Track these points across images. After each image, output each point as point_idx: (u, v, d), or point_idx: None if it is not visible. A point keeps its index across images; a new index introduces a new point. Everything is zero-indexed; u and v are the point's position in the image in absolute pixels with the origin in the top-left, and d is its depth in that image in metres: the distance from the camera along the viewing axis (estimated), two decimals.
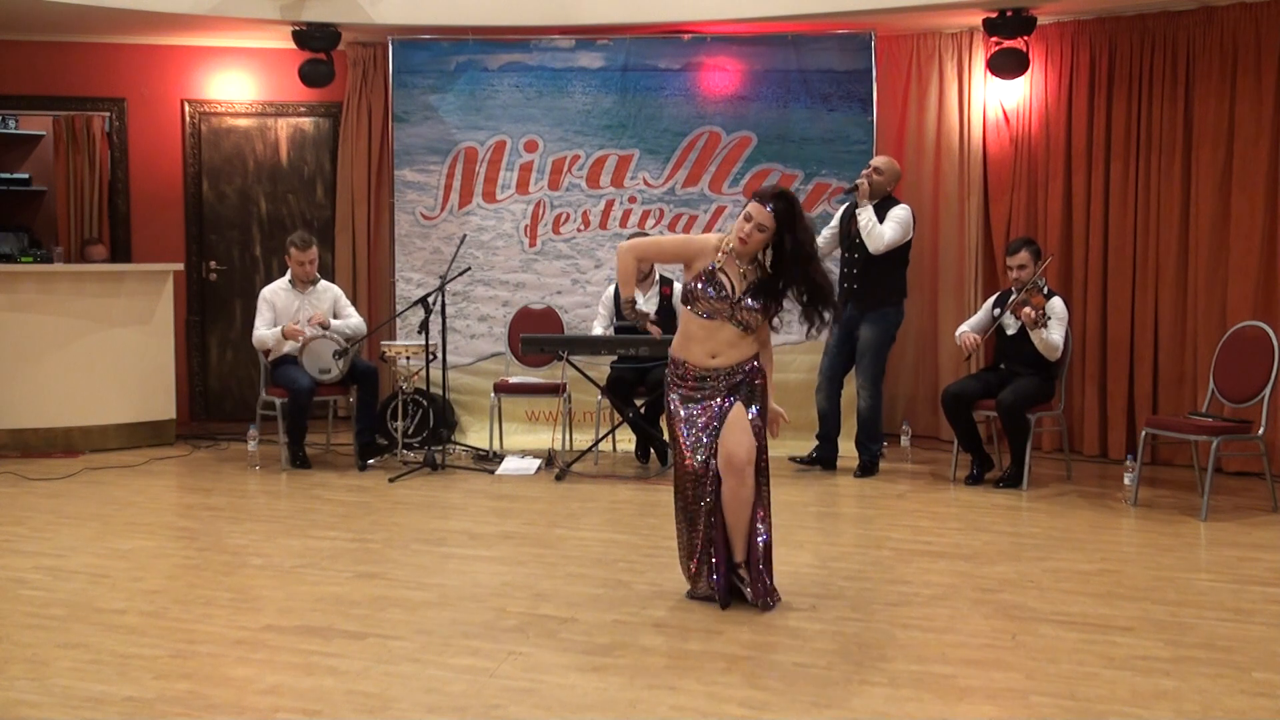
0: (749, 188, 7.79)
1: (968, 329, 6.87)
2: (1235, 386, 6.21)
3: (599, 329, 7.28)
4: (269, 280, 7.78)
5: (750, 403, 4.27)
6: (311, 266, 7.31)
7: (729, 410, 4.25)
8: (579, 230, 8.02)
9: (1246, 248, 6.96)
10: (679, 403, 4.32)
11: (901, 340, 8.28)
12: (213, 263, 8.89)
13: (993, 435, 7.18)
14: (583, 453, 7.33)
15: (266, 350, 7.31)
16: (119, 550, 5.22)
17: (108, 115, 8.87)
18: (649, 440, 7.18)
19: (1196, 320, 7.16)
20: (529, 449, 7.66)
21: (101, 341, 7.69)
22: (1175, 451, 7.22)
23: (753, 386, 4.28)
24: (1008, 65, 7.48)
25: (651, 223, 7.87)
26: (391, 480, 6.77)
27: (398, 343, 7.56)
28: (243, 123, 8.88)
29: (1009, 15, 7.32)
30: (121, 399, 7.78)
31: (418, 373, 7.43)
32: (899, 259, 6.93)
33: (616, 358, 7.28)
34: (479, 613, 4.29)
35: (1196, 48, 7.14)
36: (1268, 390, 6.01)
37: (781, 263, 4.21)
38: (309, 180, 8.96)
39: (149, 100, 8.76)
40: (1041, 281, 6.61)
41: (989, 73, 7.67)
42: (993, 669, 3.75)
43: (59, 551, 5.19)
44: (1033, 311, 6.44)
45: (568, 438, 7.52)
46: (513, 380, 7.66)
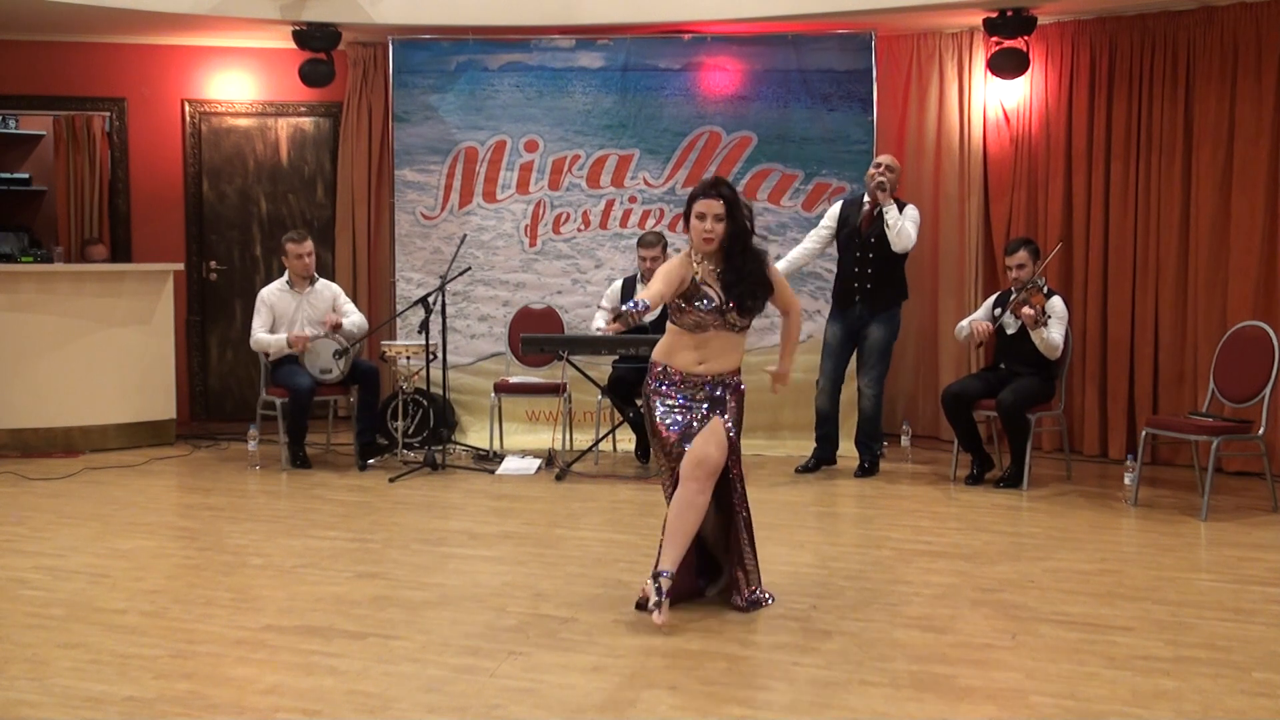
0: (749, 188, 7.80)
1: (975, 319, 6.84)
2: (1235, 386, 6.21)
3: (600, 320, 7.27)
4: (269, 280, 7.77)
5: (726, 413, 4.23)
6: (310, 259, 7.31)
7: (707, 421, 4.21)
8: (579, 230, 8.02)
9: (1246, 248, 6.96)
10: (659, 405, 4.25)
11: (901, 340, 8.28)
12: (213, 263, 8.89)
13: (993, 435, 7.18)
14: (583, 453, 7.33)
15: (267, 352, 7.31)
16: (119, 550, 5.22)
17: (108, 115, 8.87)
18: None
19: (1196, 320, 7.16)
20: (529, 449, 7.66)
21: (101, 341, 7.69)
22: (1175, 451, 7.22)
23: (731, 402, 4.24)
24: (1008, 65, 7.48)
25: (651, 222, 7.86)
26: (392, 480, 6.77)
27: (398, 343, 7.56)
28: (243, 123, 8.88)
29: (1009, 15, 7.32)
30: (121, 399, 7.78)
31: (418, 373, 7.43)
32: (904, 259, 6.94)
33: (617, 357, 7.28)
34: (479, 613, 4.29)
35: (1196, 48, 7.14)
36: (1268, 390, 6.01)
37: (731, 247, 4.16)
38: (309, 180, 8.96)
39: (149, 100, 8.77)
40: (1041, 281, 6.61)
41: (989, 73, 7.67)
42: (993, 669, 3.75)
43: (59, 551, 5.19)
44: (1033, 310, 6.44)
45: (568, 438, 7.52)
46: (513, 380, 7.66)
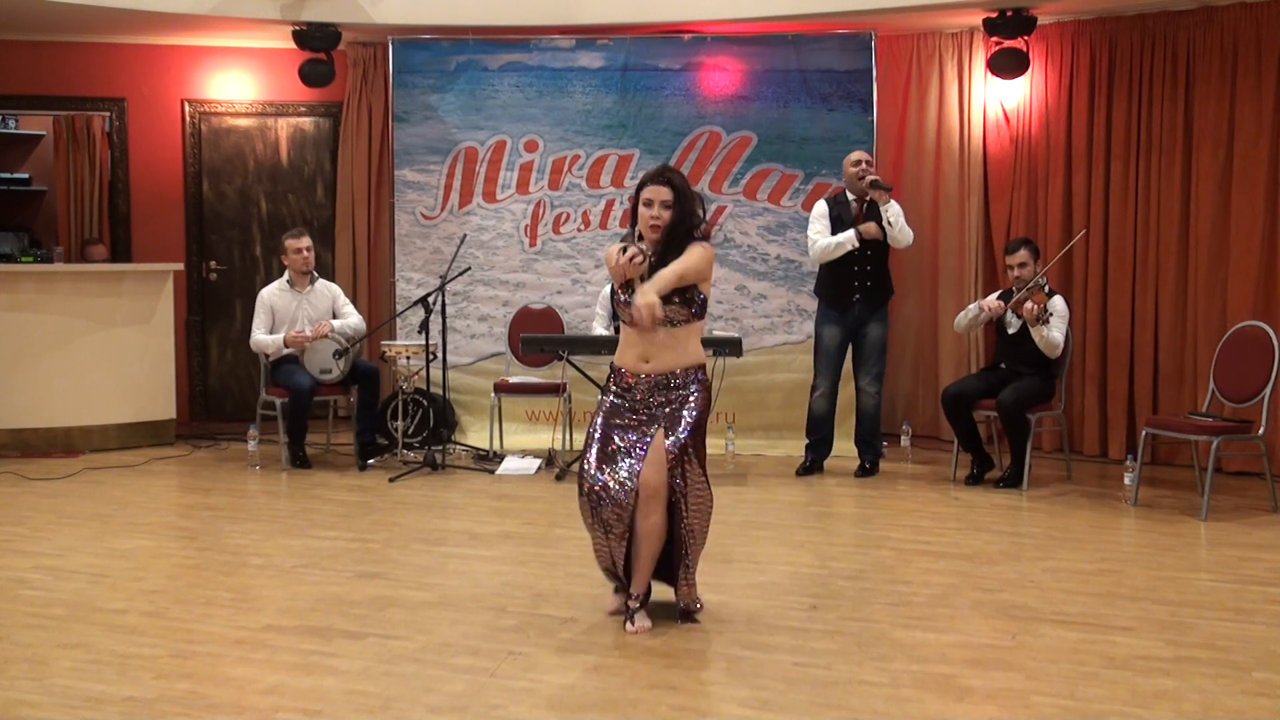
0: (749, 188, 7.80)
1: (975, 308, 6.81)
2: (1235, 386, 6.21)
3: (599, 329, 7.28)
4: (269, 280, 7.77)
5: (674, 427, 4.03)
6: (309, 254, 7.31)
7: (651, 440, 4.04)
8: (579, 230, 8.02)
9: (1246, 248, 6.96)
10: (604, 415, 4.14)
11: (901, 340, 8.31)
12: (213, 263, 8.89)
13: (993, 435, 7.18)
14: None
15: (266, 352, 7.31)
16: (119, 550, 5.22)
17: (108, 115, 8.87)
18: None
19: (1196, 320, 7.16)
20: (529, 449, 7.66)
21: (101, 341, 7.69)
22: (1175, 451, 7.22)
23: (681, 408, 4.05)
24: (1008, 65, 7.48)
25: None
26: (391, 480, 6.77)
27: (398, 343, 7.56)
28: (243, 123, 8.88)
29: (1009, 15, 7.32)
30: (121, 399, 7.78)
31: (418, 373, 7.43)
32: (890, 255, 6.95)
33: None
34: (479, 613, 4.29)
35: (1196, 48, 7.14)
36: (1268, 390, 6.01)
37: (669, 240, 4.10)
38: (309, 180, 8.95)
39: (149, 100, 8.76)
40: (1043, 280, 6.62)
41: (989, 73, 7.67)
42: (993, 669, 3.75)
43: (59, 551, 5.19)
44: (1035, 307, 6.44)
45: (568, 438, 7.51)
46: (513, 380, 7.66)
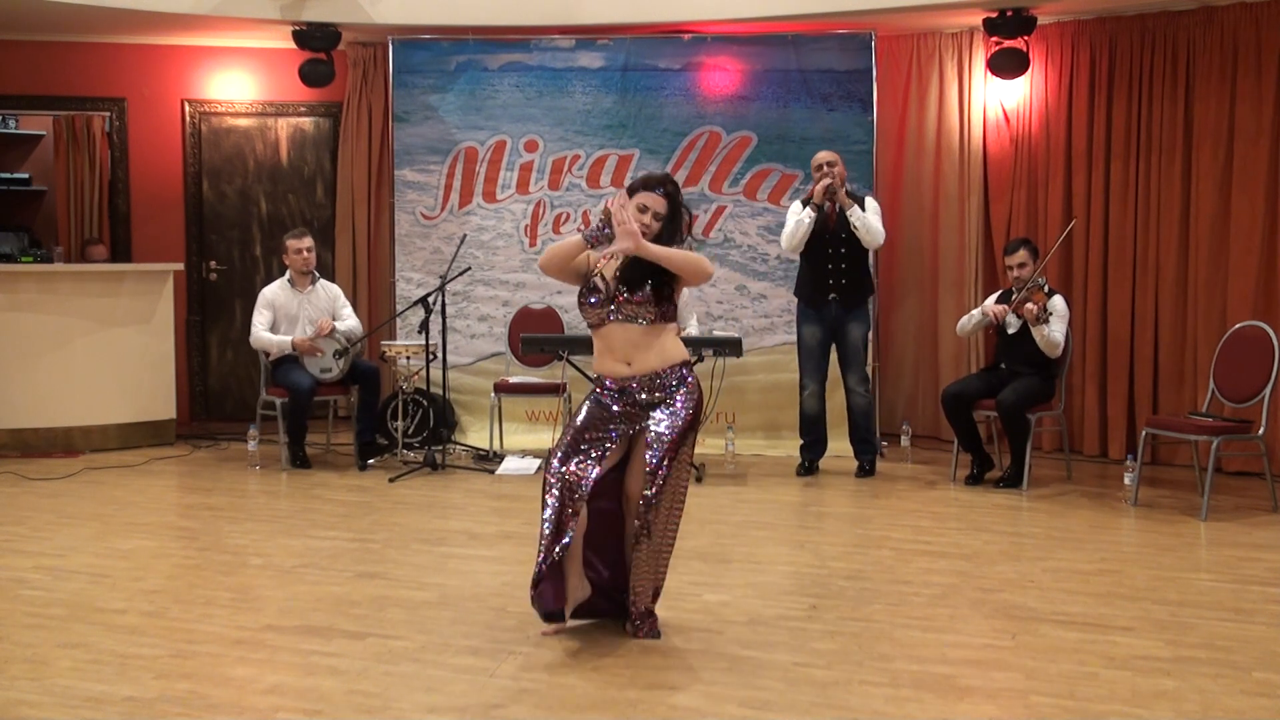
0: (749, 188, 7.80)
1: (978, 313, 6.82)
2: (1235, 386, 6.21)
3: None
4: (269, 280, 7.77)
5: (659, 428, 3.92)
6: (310, 255, 7.31)
7: (634, 442, 3.97)
8: (579, 230, 7.97)
9: (1246, 248, 6.96)
10: (583, 412, 4.05)
11: (901, 340, 8.31)
12: (213, 263, 8.89)
13: (993, 435, 7.18)
14: None
15: (268, 351, 7.31)
16: (119, 550, 5.22)
17: (108, 115, 8.87)
18: None
19: (1196, 320, 7.16)
20: (529, 449, 7.66)
21: (101, 341, 7.69)
22: (1175, 451, 7.22)
23: (670, 405, 3.95)
24: (1008, 65, 7.48)
25: None
26: (391, 480, 6.77)
27: (398, 343, 7.56)
28: (243, 123, 8.88)
29: (1009, 15, 7.32)
30: (121, 399, 7.78)
31: (418, 373, 7.43)
32: (869, 252, 6.96)
33: None
34: (479, 613, 4.29)
35: (1196, 48, 7.14)
36: (1268, 390, 6.01)
37: (659, 240, 4.02)
38: (309, 180, 8.95)
39: (149, 100, 8.76)
40: (1043, 280, 6.62)
41: (989, 73, 7.67)
42: (993, 669, 3.75)
43: (59, 551, 5.19)
44: (1034, 307, 6.44)
45: None
46: (513, 380, 7.66)
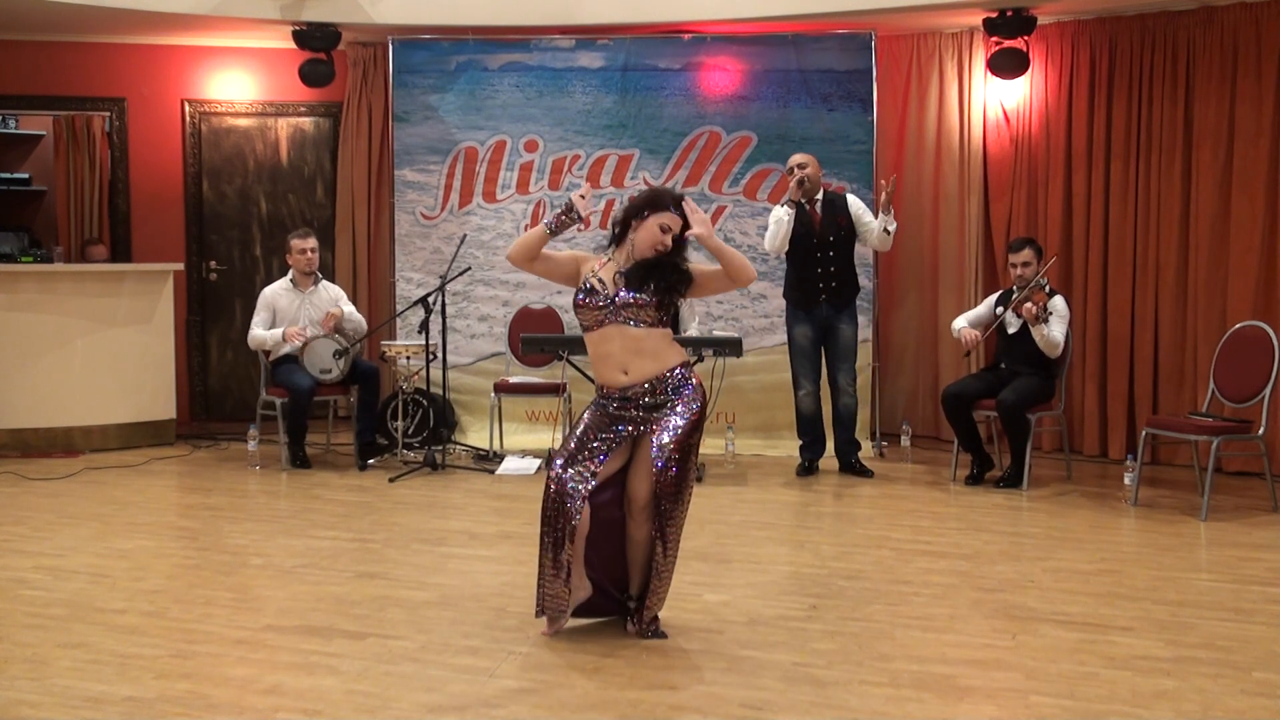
0: (749, 188, 7.80)
1: (965, 324, 6.85)
2: (1235, 386, 6.21)
3: None
4: (269, 280, 7.77)
5: (664, 428, 3.91)
6: (313, 255, 7.31)
7: (639, 444, 3.96)
8: (579, 230, 8.00)
9: (1246, 248, 6.96)
10: (587, 415, 4.06)
11: (901, 340, 8.31)
12: (213, 263, 8.89)
13: (993, 435, 7.18)
14: None
15: (267, 350, 7.31)
16: (119, 550, 5.22)
17: (108, 115, 8.87)
18: None
19: (1196, 320, 7.16)
20: (529, 449, 7.66)
21: (101, 341, 7.69)
22: (1175, 451, 7.22)
23: (675, 407, 3.93)
24: (1008, 65, 7.48)
25: None
26: (391, 480, 6.77)
27: (398, 343, 7.56)
28: (243, 123, 8.88)
29: (1009, 15, 7.32)
30: (121, 399, 7.78)
31: (418, 373, 7.43)
32: (854, 252, 6.97)
33: None
34: (479, 613, 4.29)
35: (1196, 48, 7.14)
36: (1268, 390, 6.01)
37: (660, 257, 4.05)
38: (309, 180, 8.95)
39: (149, 100, 8.76)
40: (1043, 280, 6.62)
41: (989, 73, 7.67)
42: (993, 669, 3.75)
43: (59, 551, 5.18)
44: (1034, 307, 6.45)
45: None
46: (513, 380, 7.65)
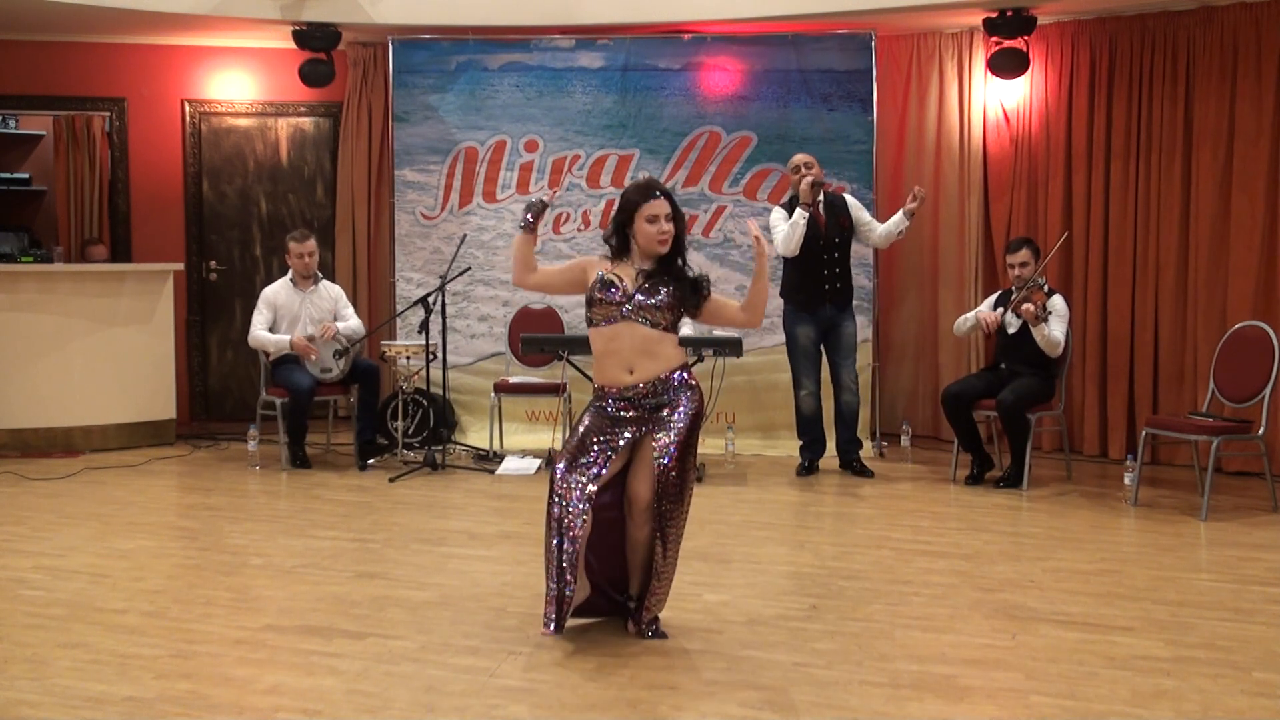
0: (749, 188, 7.81)
1: (984, 309, 6.82)
2: (1235, 386, 6.21)
3: None
4: (269, 280, 7.77)
5: (665, 428, 3.93)
6: (311, 259, 7.30)
7: (639, 445, 3.96)
8: (579, 230, 8.02)
9: (1246, 248, 6.96)
10: (587, 419, 4.04)
11: (901, 340, 8.31)
12: (213, 263, 8.89)
13: (993, 435, 7.18)
14: None
15: (267, 351, 7.31)
16: (119, 550, 5.22)
17: (108, 115, 8.87)
18: None
19: (1196, 320, 7.16)
20: (529, 449, 7.66)
21: (101, 341, 7.69)
22: (1175, 451, 7.22)
23: (676, 408, 3.95)
24: (1008, 65, 7.48)
25: None
26: (391, 480, 6.77)
27: (398, 343, 7.56)
28: (243, 123, 8.88)
29: (1009, 15, 7.32)
30: (121, 399, 7.78)
31: (418, 373, 7.43)
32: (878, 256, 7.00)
33: None
34: (479, 613, 4.29)
35: (1196, 48, 7.14)
36: (1268, 390, 6.01)
37: (673, 250, 3.98)
38: (309, 180, 8.96)
39: (149, 100, 8.76)
40: (1043, 280, 6.62)
41: (989, 73, 7.67)
42: (993, 669, 3.75)
43: (59, 551, 5.18)
44: (1034, 307, 6.45)
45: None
46: (513, 380, 7.65)
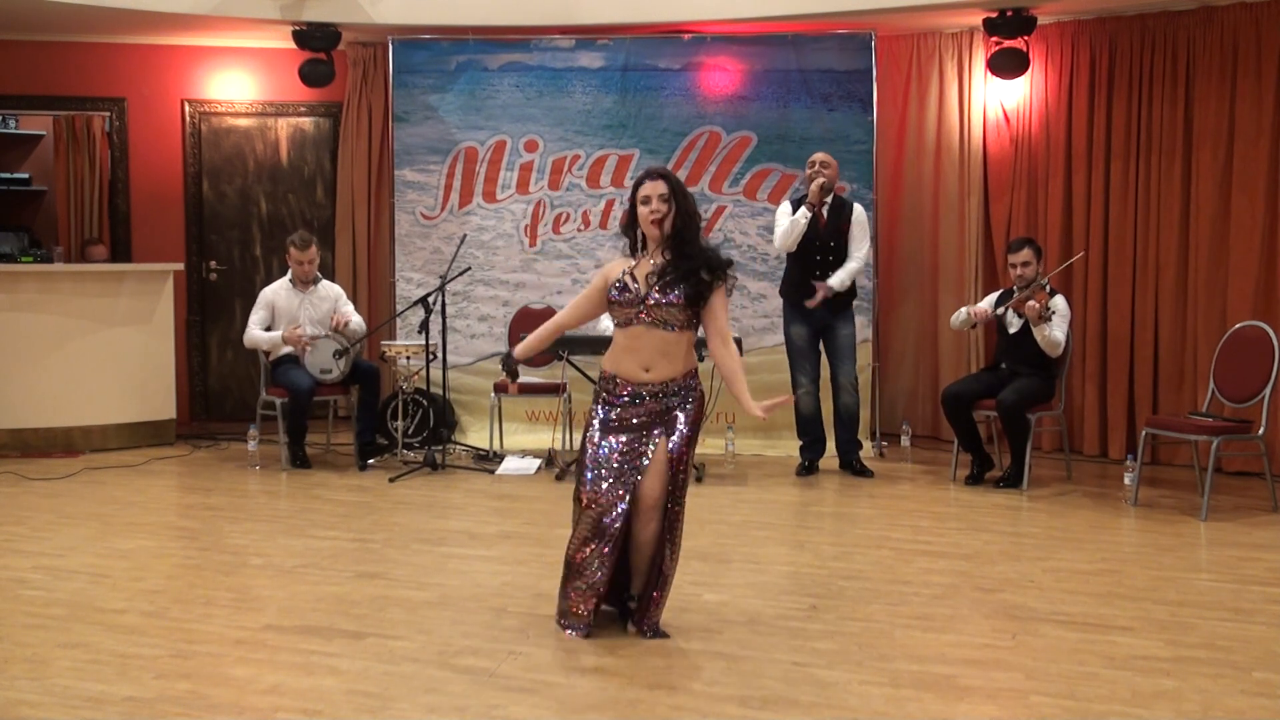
0: (749, 188, 7.81)
1: (977, 306, 6.84)
2: (1235, 386, 6.21)
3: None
4: (269, 280, 7.77)
5: (674, 430, 3.98)
6: (311, 266, 7.30)
7: (654, 448, 3.98)
8: (579, 230, 8.02)
9: (1246, 248, 6.96)
10: (599, 429, 4.04)
11: (901, 340, 8.31)
12: (213, 263, 8.89)
13: (993, 435, 7.18)
14: None
15: (265, 350, 7.31)
16: (119, 550, 5.22)
17: (108, 115, 8.87)
18: None
19: (1196, 320, 7.16)
20: (529, 449, 7.67)
21: (101, 341, 7.69)
22: (1175, 451, 7.22)
23: (684, 409, 4.00)
24: (1008, 65, 7.48)
25: None
26: (391, 480, 6.77)
27: (398, 343, 7.56)
28: (243, 123, 8.88)
29: (1009, 15, 7.32)
30: (121, 399, 7.78)
31: (418, 373, 7.43)
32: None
33: None
34: (479, 613, 4.29)
35: (1196, 48, 7.15)
36: (1268, 390, 6.01)
37: (678, 241, 3.98)
38: (309, 180, 8.96)
39: (149, 100, 8.76)
40: (1044, 280, 6.62)
41: (989, 73, 7.67)
42: (993, 669, 3.75)
43: (59, 551, 5.18)
44: (1037, 305, 6.45)
45: (568, 438, 7.51)
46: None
